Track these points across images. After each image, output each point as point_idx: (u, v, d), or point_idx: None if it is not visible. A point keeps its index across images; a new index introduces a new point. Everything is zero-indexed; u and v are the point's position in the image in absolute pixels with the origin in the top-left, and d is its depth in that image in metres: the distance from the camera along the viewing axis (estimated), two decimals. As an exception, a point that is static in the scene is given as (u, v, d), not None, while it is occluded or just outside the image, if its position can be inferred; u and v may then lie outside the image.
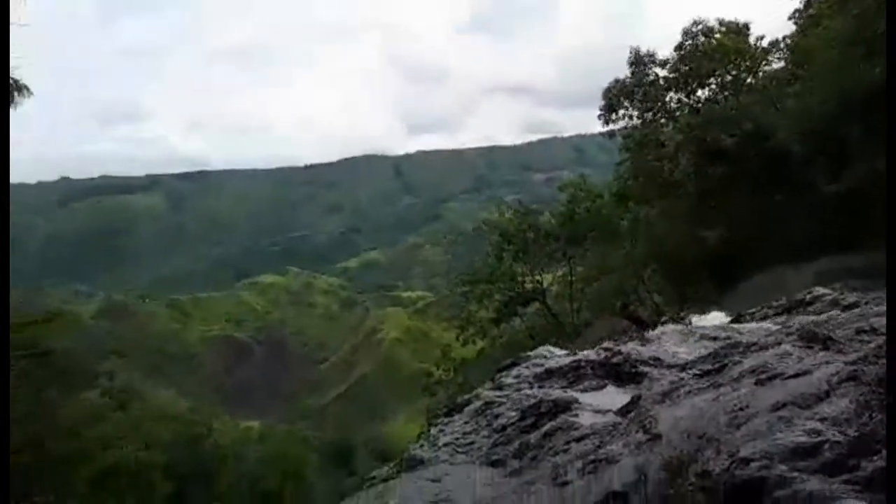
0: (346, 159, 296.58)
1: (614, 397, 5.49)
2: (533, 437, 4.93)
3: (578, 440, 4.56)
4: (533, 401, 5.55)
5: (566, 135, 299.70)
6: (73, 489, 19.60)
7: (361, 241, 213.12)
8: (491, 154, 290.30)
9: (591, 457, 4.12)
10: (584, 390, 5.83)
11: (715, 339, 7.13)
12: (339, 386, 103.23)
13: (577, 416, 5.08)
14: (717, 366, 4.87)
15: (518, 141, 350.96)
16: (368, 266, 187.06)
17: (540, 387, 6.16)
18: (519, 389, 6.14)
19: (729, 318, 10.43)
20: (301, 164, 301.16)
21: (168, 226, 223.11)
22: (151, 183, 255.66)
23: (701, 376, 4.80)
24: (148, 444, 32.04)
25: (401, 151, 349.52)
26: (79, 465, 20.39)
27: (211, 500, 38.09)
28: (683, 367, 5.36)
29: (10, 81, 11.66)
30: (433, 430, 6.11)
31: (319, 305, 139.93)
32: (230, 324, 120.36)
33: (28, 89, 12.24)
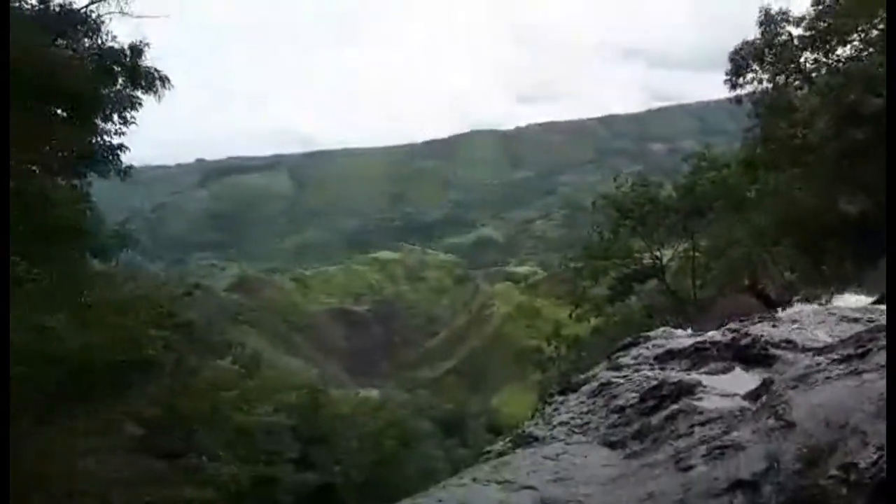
0: (459, 135, 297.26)
1: (742, 381, 5.18)
2: (654, 419, 4.75)
3: (703, 424, 4.34)
4: (654, 382, 5.35)
5: (688, 102, 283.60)
6: (211, 449, 21.36)
7: (474, 217, 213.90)
8: (608, 124, 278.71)
9: (717, 442, 3.91)
10: (709, 373, 5.53)
11: (856, 320, 6.52)
12: (451, 359, 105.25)
13: (701, 399, 4.84)
14: (859, 350, 4.44)
15: (637, 109, 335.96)
16: (480, 242, 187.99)
17: (661, 368, 5.91)
18: (638, 370, 5.93)
19: (871, 300, 9.45)
20: (414, 140, 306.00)
21: (292, 203, 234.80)
22: (276, 162, 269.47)
23: (841, 361, 4.41)
24: (276, 408, 34.16)
25: (513, 125, 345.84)
26: (215, 427, 22.16)
27: (332, 463, 40.17)
28: (820, 351, 4.94)
29: (153, 72, 12.56)
30: (548, 409, 6.05)
31: (432, 280, 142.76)
32: (348, 297, 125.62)
33: (168, 80, 13.17)
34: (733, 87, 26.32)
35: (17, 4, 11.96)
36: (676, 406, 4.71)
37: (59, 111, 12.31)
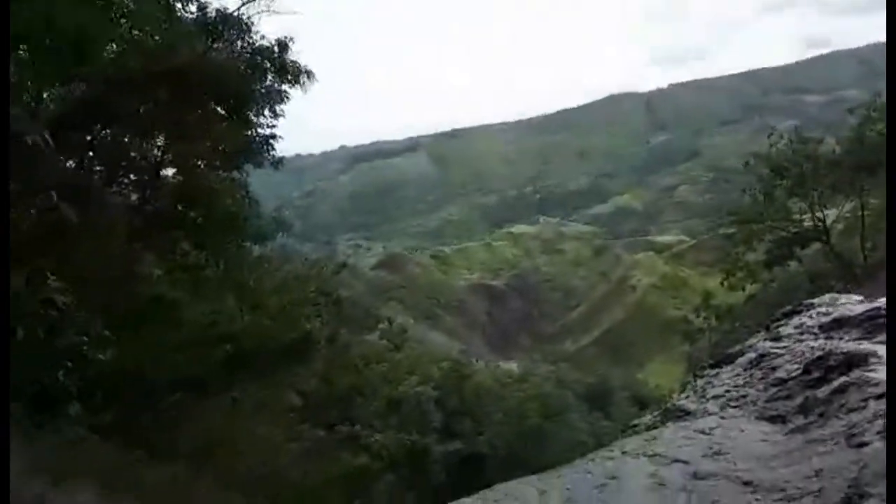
0: (593, 102, 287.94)
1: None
2: (820, 392, 4.40)
3: (879, 398, 3.95)
4: (819, 353, 4.93)
5: (850, 47, 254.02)
6: (364, 419, 22.68)
7: (613, 186, 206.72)
8: (758, 78, 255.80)
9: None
10: (884, 343, 5.01)
11: None
12: (592, 332, 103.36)
13: (875, 371, 4.39)
14: None
15: (790, 60, 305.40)
16: (620, 211, 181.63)
17: (828, 338, 5.44)
18: (801, 340, 5.49)
19: None
20: (548, 112, 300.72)
21: (431, 183, 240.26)
22: (414, 145, 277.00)
23: None
24: (421, 381, 35.45)
25: (651, 87, 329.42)
26: (367, 398, 23.44)
27: (475, 434, 41.11)
28: None
29: (299, 66, 13.28)
30: (700, 382, 5.79)
31: (570, 252, 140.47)
32: (487, 272, 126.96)
33: (313, 73, 13.91)
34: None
35: (179, 14, 13.16)
36: (847, 378, 4.32)
37: (218, 109, 13.43)
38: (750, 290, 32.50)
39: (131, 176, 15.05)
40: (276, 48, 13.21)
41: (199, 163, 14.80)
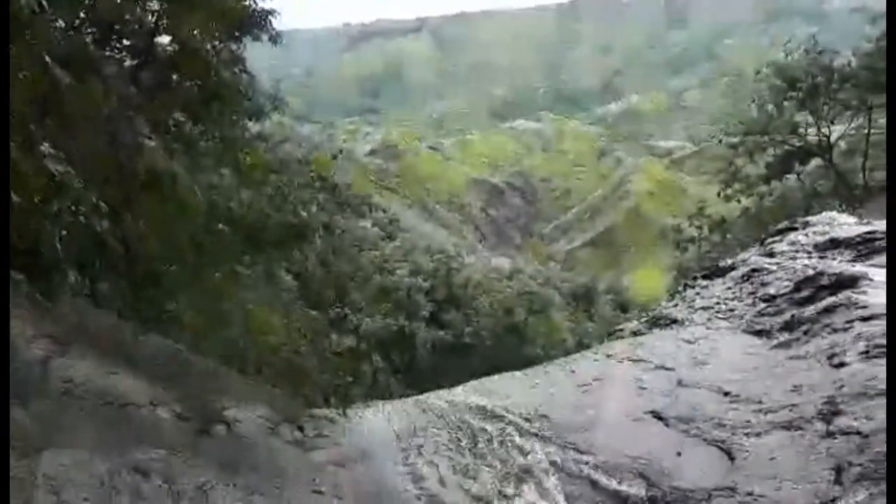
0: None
1: (918, 276, 4.67)
2: (807, 311, 4.48)
3: (864, 320, 4.03)
4: (811, 272, 5.00)
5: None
6: (354, 303, 23.21)
7: (625, 85, 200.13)
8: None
9: (878, 340, 3.63)
10: (877, 266, 5.04)
11: None
12: (585, 233, 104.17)
13: (864, 293, 4.46)
14: None
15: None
16: (628, 112, 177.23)
17: (821, 257, 5.50)
18: (794, 258, 5.55)
19: None
20: (564, 1, 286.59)
21: (435, 69, 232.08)
22: (419, 25, 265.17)
23: None
24: (414, 271, 36.07)
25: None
26: (359, 284, 23.90)
27: (462, 324, 42.47)
28: None
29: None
30: (689, 292, 5.89)
31: (571, 152, 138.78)
32: (487, 167, 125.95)
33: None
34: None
35: None
36: (835, 298, 4.39)
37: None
38: (746, 203, 32.48)
39: (124, 41, 14.44)
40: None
41: (196, 32, 14.18)
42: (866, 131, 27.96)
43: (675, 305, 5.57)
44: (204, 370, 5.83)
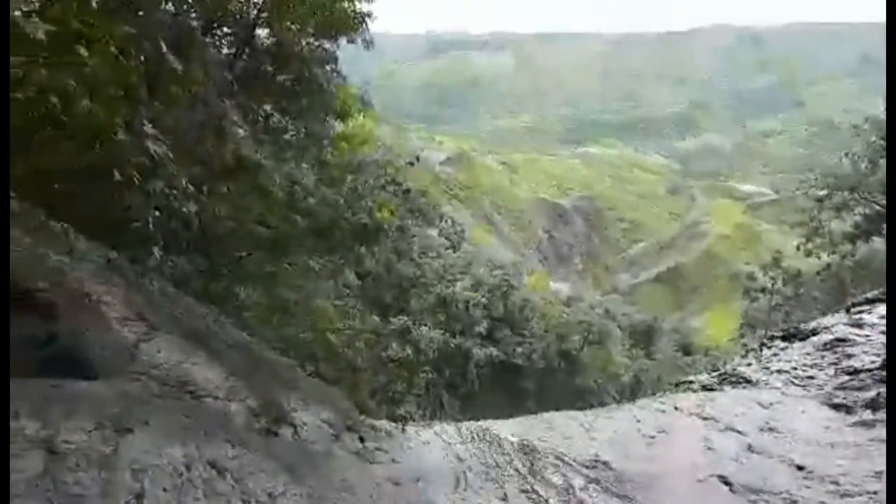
0: (701, 28, 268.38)
1: None
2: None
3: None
4: (901, 349, 4.52)
5: None
6: (416, 311, 23.16)
7: (704, 121, 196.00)
8: (882, 29, 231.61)
9: None
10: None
11: None
12: (652, 269, 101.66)
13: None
14: None
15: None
16: (706, 149, 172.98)
17: (914, 334, 4.99)
18: (884, 332, 5.05)
19: None
20: (650, 30, 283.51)
21: (512, 85, 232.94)
22: (500, 42, 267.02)
23: None
24: (474, 284, 35.81)
25: (763, 22, 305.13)
26: (420, 291, 23.85)
27: (516, 345, 41.88)
28: None
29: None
30: (766, 352, 5.45)
31: (643, 184, 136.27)
32: (555, 188, 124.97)
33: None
34: None
35: None
36: (929, 384, 3.95)
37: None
38: (827, 260, 30.96)
39: (225, 29, 14.89)
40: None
41: (294, 27, 14.49)
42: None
43: (749, 364, 5.16)
44: (272, 364, 5.78)
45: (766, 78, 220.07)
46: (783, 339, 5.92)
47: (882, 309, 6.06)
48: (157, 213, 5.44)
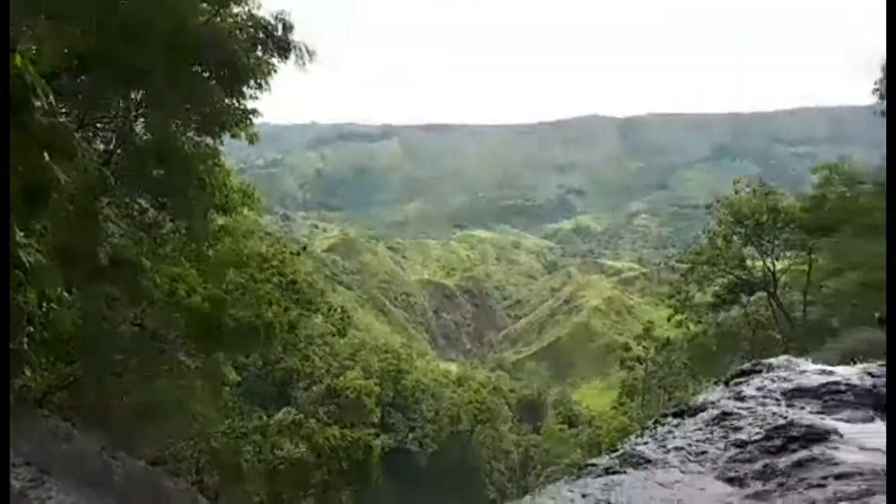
0: (573, 118, 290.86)
1: (884, 436, 4.81)
2: (781, 462, 4.51)
3: (839, 478, 4.07)
4: (782, 421, 5.06)
5: (826, 105, 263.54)
6: (302, 403, 22.36)
7: (579, 205, 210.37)
8: (735, 121, 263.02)
9: (858, 503, 3.69)
10: (846, 420, 5.18)
11: None
12: (533, 345, 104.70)
13: (836, 448, 4.53)
14: None
15: (768, 108, 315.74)
16: (580, 230, 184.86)
17: (789, 405, 5.59)
18: (764, 405, 5.63)
19: None
20: (528, 122, 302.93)
21: (400, 174, 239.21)
22: (389, 132, 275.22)
23: None
24: (365, 373, 35.23)
25: (630, 113, 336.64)
26: (310, 384, 23.17)
27: (408, 430, 41.23)
28: None
29: (302, 46, 12.97)
30: (660, 430, 5.86)
31: (524, 264, 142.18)
32: (441, 271, 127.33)
33: (314, 53, 13.56)
34: (882, 97, 24.29)
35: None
36: (808, 452, 4.45)
37: (205, 74, 12.99)
38: (695, 330, 33.34)
39: (101, 123, 14.49)
40: (280, 26, 12.82)
41: (175, 122, 14.33)
42: (807, 269, 29.51)
43: (646, 443, 5.54)
44: (166, 493, 5.44)
45: (633, 164, 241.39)
46: (674, 415, 6.30)
47: (757, 381, 6.67)
48: (30, 328, 5.13)
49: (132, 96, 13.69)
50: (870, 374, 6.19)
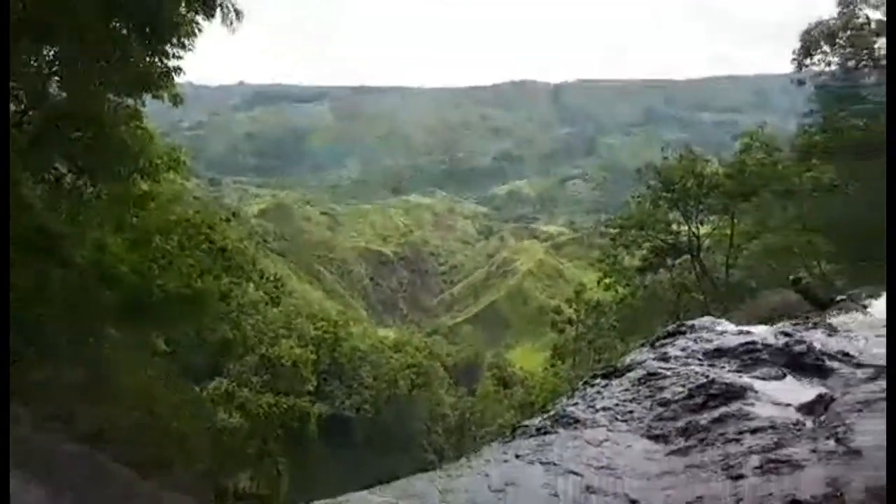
0: (505, 83, 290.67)
1: (795, 391, 5.15)
2: (702, 418, 4.77)
3: (754, 432, 4.35)
4: (703, 380, 5.35)
5: (748, 73, 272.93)
6: (237, 373, 21.94)
7: (512, 170, 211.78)
8: (662, 88, 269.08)
9: (770, 455, 3.93)
10: (761, 378, 5.51)
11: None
12: (469, 309, 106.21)
13: (752, 404, 4.83)
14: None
15: (694, 76, 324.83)
16: (514, 195, 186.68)
17: (710, 365, 5.90)
18: (687, 364, 5.92)
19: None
20: (461, 85, 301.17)
21: (334, 137, 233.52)
22: (322, 94, 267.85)
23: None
24: (301, 342, 34.86)
25: (560, 79, 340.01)
26: (243, 353, 22.73)
27: (345, 397, 41.24)
28: (882, 373, 4.87)
29: (231, 6, 12.42)
30: (589, 391, 6.09)
31: (459, 230, 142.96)
32: (377, 237, 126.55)
33: (242, 14, 13.04)
34: (799, 66, 25.34)
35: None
36: (727, 409, 4.72)
37: (125, 31, 12.27)
38: (623, 293, 34.46)
39: (13, 84, 13.54)
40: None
41: (93, 83, 13.53)
42: (729, 233, 30.90)
43: (576, 404, 5.76)
44: (106, 474, 5.26)
45: (565, 129, 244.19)
46: (603, 376, 6.53)
47: (682, 342, 6.95)
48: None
49: (44, 52, 12.84)
50: (784, 333, 6.59)
